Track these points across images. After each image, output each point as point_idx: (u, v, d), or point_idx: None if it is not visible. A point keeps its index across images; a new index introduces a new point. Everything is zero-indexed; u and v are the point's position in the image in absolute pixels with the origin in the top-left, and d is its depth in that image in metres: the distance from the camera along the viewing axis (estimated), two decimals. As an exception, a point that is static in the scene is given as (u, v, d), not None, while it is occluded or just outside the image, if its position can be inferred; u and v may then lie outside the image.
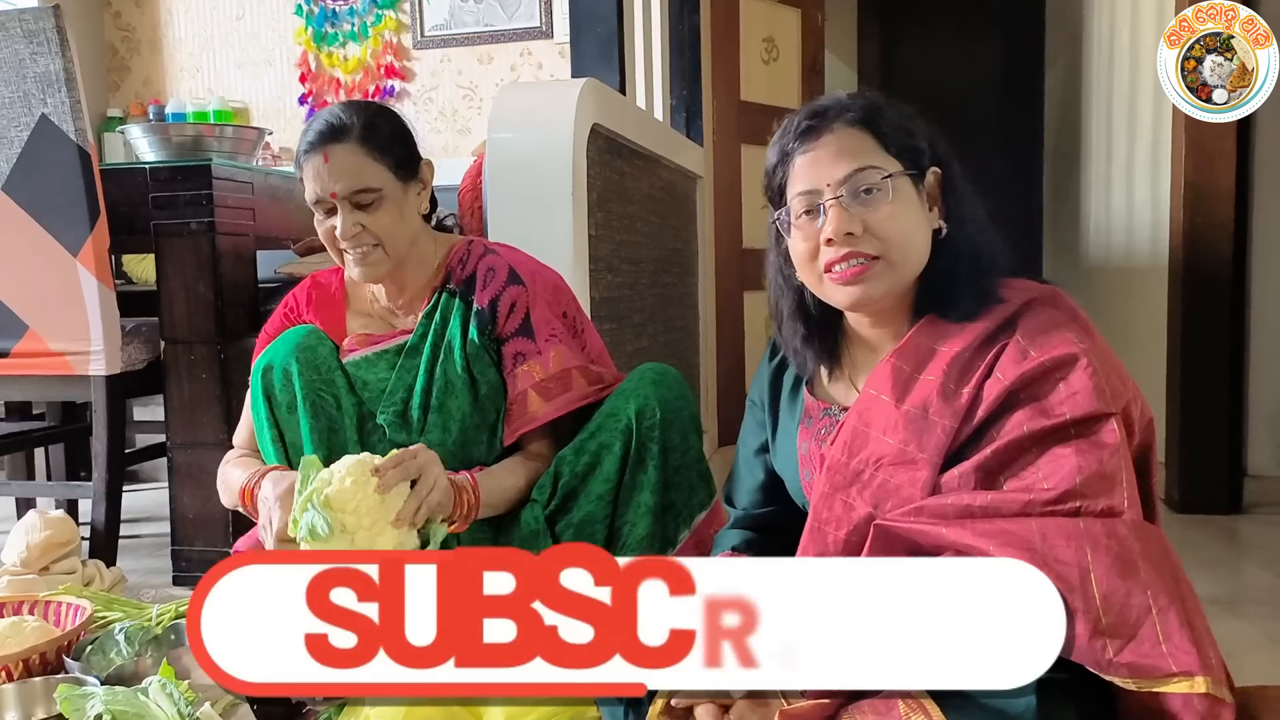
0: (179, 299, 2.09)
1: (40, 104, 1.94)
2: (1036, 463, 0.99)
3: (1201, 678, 0.87)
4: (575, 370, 1.49)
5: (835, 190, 1.06)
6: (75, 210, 1.97)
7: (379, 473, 1.25)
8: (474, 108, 3.78)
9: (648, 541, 1.42)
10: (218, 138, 2.32)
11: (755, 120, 3.79)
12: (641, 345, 2.55)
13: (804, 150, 1.09)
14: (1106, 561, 0.91)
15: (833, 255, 1.07)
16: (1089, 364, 1.00)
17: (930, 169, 1.10)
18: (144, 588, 2.06)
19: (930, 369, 1.06)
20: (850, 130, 1.08)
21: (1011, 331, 1.05)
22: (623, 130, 2.34)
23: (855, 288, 1.07)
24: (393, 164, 1.44)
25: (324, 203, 1.43)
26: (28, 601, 1.62)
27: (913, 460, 1.03)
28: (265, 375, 1.46)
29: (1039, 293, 1.08)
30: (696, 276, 3.42)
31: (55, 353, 2.05)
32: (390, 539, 1.23)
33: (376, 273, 1.46)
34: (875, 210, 1.06)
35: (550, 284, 1.55)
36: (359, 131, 1.42)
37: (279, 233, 2.33)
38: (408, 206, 1.47)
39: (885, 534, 1.02)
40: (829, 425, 1.14)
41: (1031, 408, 1.00)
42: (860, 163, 1.06)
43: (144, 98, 3.93)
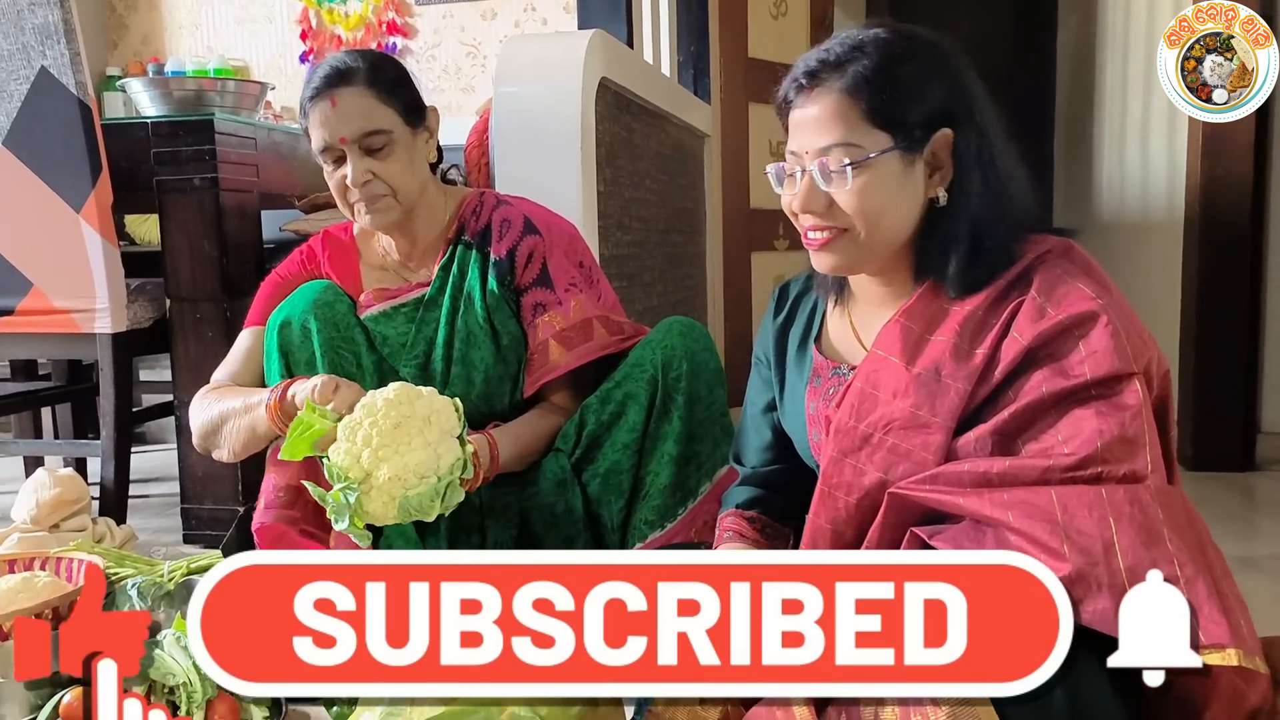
0: (183, 256, 2.07)
1: (40, 56, 1.90)
2: (1056, 425, 0.96)
3: (1233, 650, 0.84)
4: (596, 320, 1.48)
5: (811, 159, 1.04)
6: (77, 165, 1.94)
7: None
8: (478, 65, 3.72)
9: (670, 490, 1.42)
10: (220, 92, 2.28)
11: (763, 78, 3.73)
12: (651, 304, 2.53)
13: (796, 106, 1.07)
14: (1130, 531, 0.88)
15: (803, 221, 1.08)
16: (1109, 321, 0.97)
17: (940, 132, 1.04)
18: (154, 545, 2.06)
19: (942, 329, 1.03)
20: (838, 98, 1.03)
21: (1025, 287, 1.01)
22: (631, 85, 2.30)
23: (822, 255, 1.07)
24: (401, 108, 1.42)
25: (332, 150, 1.41)
26: (39, 558, 1.61)
27: (925, 424, 1.00)
28: (283, 331, 1.45)
29: (1053, 245, 1.04)
30: (704, 236, 3.39)
31: (60, 310, 2.03)
32: (415, 448, 1.22)
33: (387, 219, 1.44)
34: (844, 189, 1.03)
35: (566, 234, 1.53)
36: (365, 74, 1.40)
37: (283, 189, 2.30)
38: (416, 153, 1.45)
39: (900, 502, 1.00)
40: (837, 384, 1.12)
41: (1050, 368, 0.97)
42: (835, 138, 1.02)
43: (143, 56, 3.88)
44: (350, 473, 1.21)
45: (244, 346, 1.53)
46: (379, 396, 1.25)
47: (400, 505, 1.22)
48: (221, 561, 0.87)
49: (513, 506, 1.47)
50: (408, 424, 1.22)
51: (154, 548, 2.02)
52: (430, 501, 1.23)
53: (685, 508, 1.43)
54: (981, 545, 0.93)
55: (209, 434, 1.45)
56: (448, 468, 1.22)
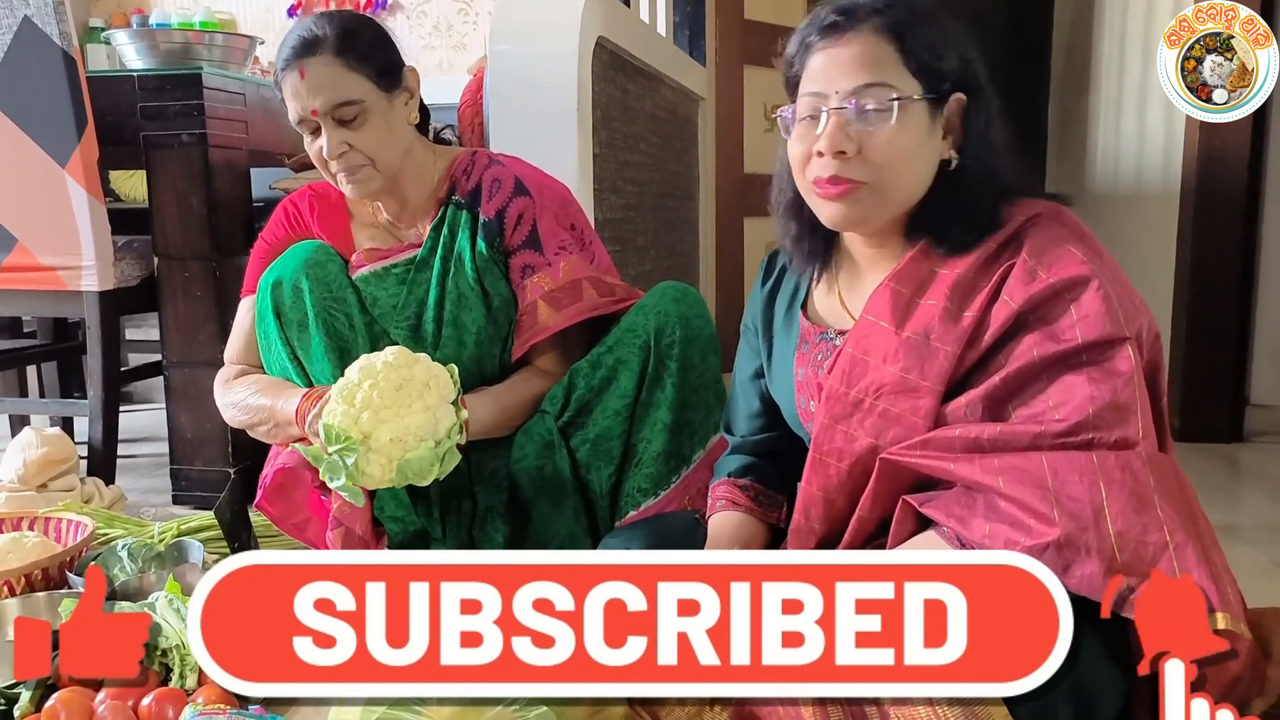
0: (171, 214, 2.04)
1: (23, 5, 1.85)
2: (1046, 390, 0.95)
3: (1220, 614, 0.85)
4: (586, 280, 1.46)
5: (841, 99, 1.00)
6: (62, 119, 1.90)
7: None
8: (469, 23, 3.66)
9: (663, 458, 1.41)
10: (207, 45, 2.23)
11: (759, 40, 3.68)
12: (644, 269, 2.52)
13: (823, 47, 1.02)
14: (1121, 497, 0.88)
15: (820, 170, 1.02)
16: (1099, 285, 0.96)
17: (954, 95, 1.03)
18: (144, 506, 2.05)
19: (931, 293, 1.02)
20: (875, 38, 1.00)
21: (1016, 250, 1.00)
22: (628, 46, 2.26)
23: (837, 206, 1.02)
24: (374, 73, 1.38)
25: (307, 122, 1.38)
26: (27, 517, 1.60)
27: (915, 388, 1.00)
28: (275, 291, 1.43)
29: (1043, 208, 1.03)
30: (698, 201, 3.37)
31: (46, 267, 2.00)
32: (415, 410, 1.22)
33: (369, 189, 1.41)
34: (875, 132, 1.00)
35: (558, 196, 1.51)
36: (333, 42, 1.36)
37: (273, 147, 2.26)
38: (394, 118, 1.41)
39: (891, 468, 1.00)
40: (825, 350, 1.11)
41: (1041, 331, 0.96)
42: (874, 77, 0.99)
43: (126, 7, 3.79)
44: (349, 433, 1.20)
45: (245, 320, 1.51)
46: (378, 359, 1.23)
47: (399, 468, 1.21)
48: (221, 561, 0.86)
49: (501, 471, 1.46)
50: (408, 387, 1.21)
51: (143, 509, 2.02)
52: (430, 465, 1.22)
53: (679, 475, 1.43)
54: (972, 511, 0.93)
55: (243, 426, 1.47)
56: (445, 431, 1.22)
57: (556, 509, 1.42)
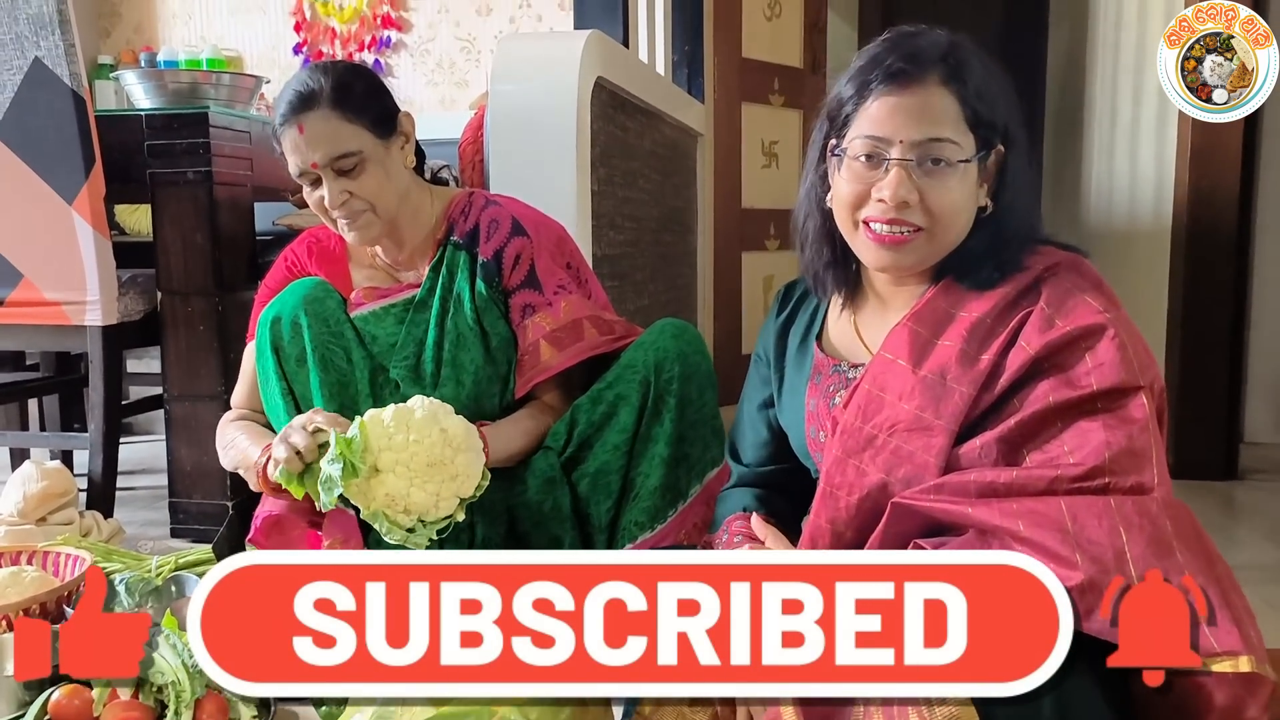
0: (175, 249, 2.06)
1: (34, 47, 1.89)
2: (1061, 435, 0.96)
3: (1245, 657, 0.85)
4: (586, 320, 1.48)
5: (907, 151, 1.02)
6: (70, 157, 1.93)
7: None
8: (472, 60, 3.71)
9: (660, 492, 1.42)
10: (214, 85, 2.27)
11: (757, 78, 3.74)
12: (643, 303, 2.54)
13: (887, 93, 1.03)
14: (1141, 541, 0.88)
15: (877, 214, 1.04)
16: (1116, 334, 0.98)
17: (996, 149, 1.06)
18: (142, 539, 2.06)
19: (949, 334, 1.04)
20: (939, 90, 1.03)
21: (1035, 298, 1.02)
22: (626, 85, 2.30)
23: (889, 253, 1.05)
24: (370, 123, 1.41)
25: (307, 174, 1.42)
26: (26, 551, 1.61)
27: (929, 427, 1.01)
28: (274, 327, 1.45)
29: (1062, 258, 1.06)
30: (696, 236, 3.40)
31: (51, 302, 2.02)
32: (427, 490, 1.22)
33: (370, 235, 1.45)
34: (937, 185, 1.02)
35: (554, 235, 1.54)
36: (329, 96, 1.39)
37: (277, 183, 2.29)
38: (392, 164, 1.45)
39: (903, 512, 0.99)
40: (838, 382, 1.12)
41: (1056, 378, 0.98)
42: (941, 132, 1.02)
43: (135, 45, 3.85)
44: (357, 460, 1.20)
45: (249, 366, 1.54)
46: (445, 423, 1.23)
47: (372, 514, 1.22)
48: (221, 561, 0.87)
49: (500, 504, 1.47)
50: (439, 469, 1.22)
51: (141, 542, 2.02)
52: (399, 534, 1.22)
53: (675, 509, 1.44)
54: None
55: (233, 469, 1.48)
56: (434, 519, 1.23)
57: (555, 542, 1.43)
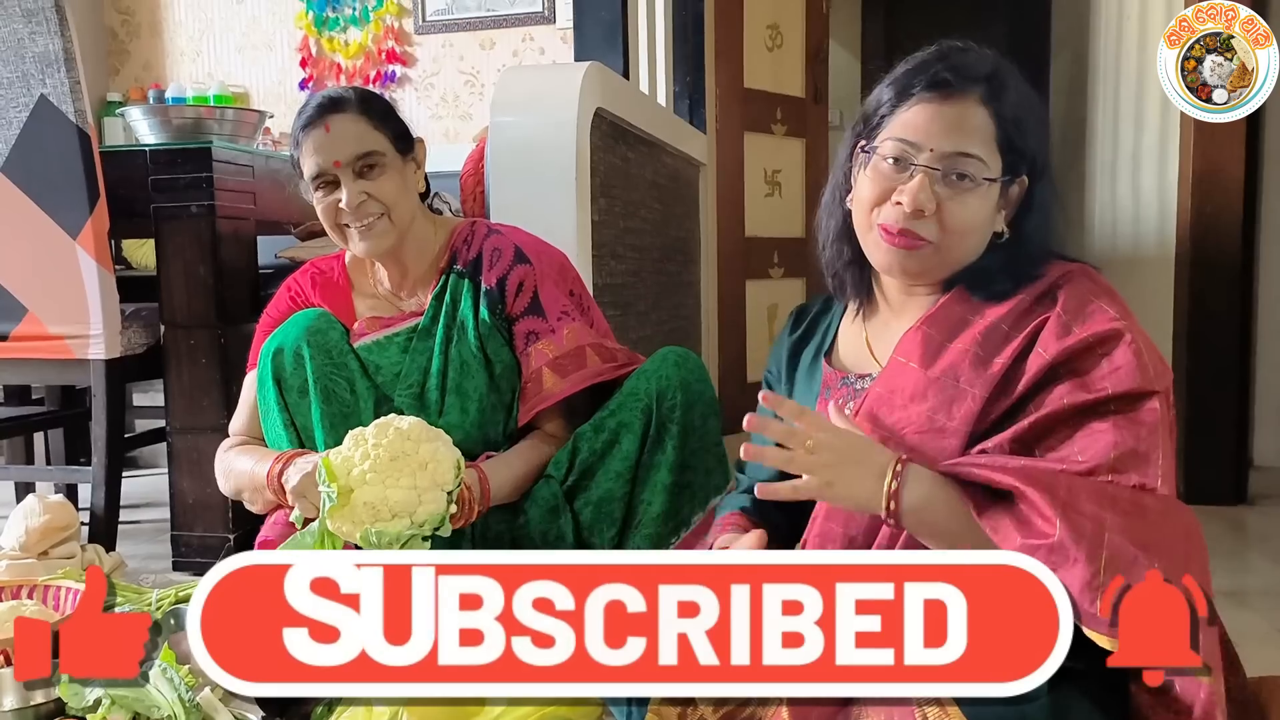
0: (179, 283, 2.08)
1: (39, 84, 1.91)
2: (1073, 437, 0.97)
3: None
4: (589, 347, 1.49)
5: (934, 160, 1.03)
6: (74, 192, 1.94)
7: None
8: (476, 93, 3.75)
9: (663, 519, 1.43)
10: (218, 120, 2.30)
11: (758, 108, 3.76)
12: (645, 333, 2.54)
13: (927, 100, 1.04)
14: (1124, 526, 0.90)
15: (891, 218, 1.05)
16: (1132, 340, 0.99)
17: (1020, 178, 1.07)
18: (143, 573, 2.05)
19: (962, 338, 1.04)
20: (977, 107, 1.04)
21: (1050, 305, 1.03)
22: (627, 115, 2.32)
23: (897, 256, 1.06)
24: (391, 134, 1.47)
25: (325, 175, 1.43)
26: (26, 586, 1.60)
27: (941, 429, 1.01)
28: (275, 358, 1.45)
29: (1074, 267, 1.07)
30: (699, 265, 3.41)
31: (54, 336, 2.03)
32: (403, 485, 1.21)
33: (382, 244, 1.46)
34: (956, 199, 1.03)
35: (556, 262, 1.55)
36: (357, 103, 1.45)
37: (280, 216, 2.31)
38: (408, 179, 1.49)
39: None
40: (847, 395, 1.13)
41: (1072, 382, 0.98)
42: (969, 146, 1.03)
43: (144, 82, 3.90)
44: (337, 479, 1.21)
45: (249, 393, 1.54)
46: (394, 423, 1.24)
47: (364, 535, 1.21)
48: (221, 562, 0.86)
49: (505, 534, 1.47)
50: (403, 461, 1.21)
51: (142, 575, 2.01)
52: (392, 543, 1.22)
53: (678, 536, 1.44)
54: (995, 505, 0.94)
55: (232, 493, 1.50)
56: (424, 517, 1.21)
57: (558, 572, 1.43)
